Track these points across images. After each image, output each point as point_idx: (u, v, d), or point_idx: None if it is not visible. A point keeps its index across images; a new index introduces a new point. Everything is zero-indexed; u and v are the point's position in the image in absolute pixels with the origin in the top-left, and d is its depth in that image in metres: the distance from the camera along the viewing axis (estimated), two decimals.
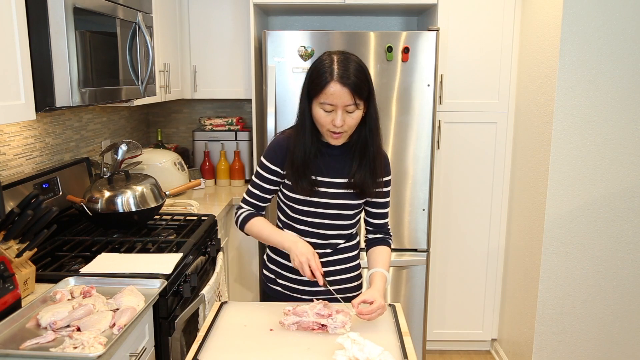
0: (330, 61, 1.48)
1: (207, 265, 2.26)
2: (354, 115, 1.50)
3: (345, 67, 1.46)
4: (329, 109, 1.48)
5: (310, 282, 1.65)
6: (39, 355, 1.27)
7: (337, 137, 1.54)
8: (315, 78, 1.49)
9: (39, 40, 1.61)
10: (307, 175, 1.58)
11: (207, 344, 1.36)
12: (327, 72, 1.46)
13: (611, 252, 2.51)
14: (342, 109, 1.47)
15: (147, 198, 2.20)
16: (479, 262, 3.03)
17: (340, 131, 1.51)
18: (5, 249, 1.55)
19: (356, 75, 1.46)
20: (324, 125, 1.51)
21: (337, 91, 1.45)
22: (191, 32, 3.04)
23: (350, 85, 1.44)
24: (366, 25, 3.31)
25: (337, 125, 1.48)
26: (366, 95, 1.50)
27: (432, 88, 2.66)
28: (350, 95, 1.45)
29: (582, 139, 2.41)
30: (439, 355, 3.18)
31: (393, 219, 2.79)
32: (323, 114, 1.49)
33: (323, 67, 1.48)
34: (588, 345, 2.60)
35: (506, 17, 2.78)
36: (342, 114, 1.48)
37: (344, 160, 1.62)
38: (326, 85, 1.45)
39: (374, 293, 1.49)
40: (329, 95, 1.46)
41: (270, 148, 1.65)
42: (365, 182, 1.59)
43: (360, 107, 1.50)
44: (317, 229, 1.66)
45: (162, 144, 3.27)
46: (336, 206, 1.63)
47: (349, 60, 1.48)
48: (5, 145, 1.99)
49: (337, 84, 1.45)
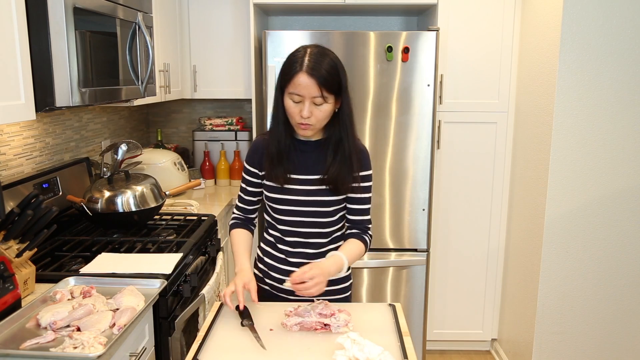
0: (303, 53, 1.50)
1: (207, 265, 2.26)
2: (322, 108, 1.50)
3: (316, 59, 1.47)
4: (297, 100, 1.50)
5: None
6: (39, 355, 1.27)
7: (304, 128, 1.54)
8: (285, 68, 1.51)
9: (39, 40, 1.61)
10: (282, 164, 1.60)
11: (207, 344, 1.36)
12: (297, 63, 1.48)
13: (611, 252, 2.51)
14: (310, 100, 1.48)
15: (147, 198, 2.20)
16: (479, 262, 3.03)
17: (308, 123, 1.52)
18: (5, 249, 1.55)
19: (325, 69, 1.47)
20: (293, 116, 1.53)
21: (304, 82, 1.46)
22: (191, 32, 3.04)
23: (317, 77, 1.46)
24: (366, 25, 3.31)
25: (304, 116, 1.49)
26: (336, 90, 1.50)
27: (432, 88, 2.66)
28: (317, 88, 1.46)
29: (582, 139, 2.41)
30: (439, 355, 3.18)
31: (393, 219, 2.79)
32: (292, 104, 1.51)
33: (295, 58, 1.50)
34: (588, 345, 2.60)
35: (506, 17, 2.78)
36: (310, 105, 1.49)
37: (318, 157, 1.62)
38: (294, 76, 1.47)
39: (312, 266, 1.49)
40: (297, 86, 1.47)
41: (249, 150, 1.70)
42: (339, 178, 1.59)
43: (328, 100, 1.50)
44: (297, 227, 1.66)
45: (162, 144, 3.27)
46: (312, 203, 1.63)
47: (321, 54, 1.50)
48: (5, 145, 1.99)
49: (305, 74, 1.46)
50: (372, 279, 2.85)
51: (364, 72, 2.65)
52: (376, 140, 2.71)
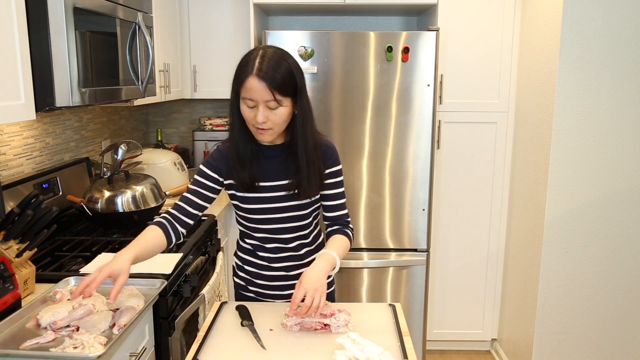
0: (255, 55, 1.43)
1: (207, 265, 2.26)
2: (278, 112, 1.43)
3: (267, 62, 1.40)
4: (250, 105, 1.43)
5: (282, 286, 1.67)
6: (39, 355, 1.27)
7: (262, 133, 1.47)
8: (237, 71, 1.45)
9: (39, 40, 1.61)
10: (245, 169, 1.54)
11: (207, 344, 1.36)
12: (249, 66, 1.40)
13: (611, 252, 2.51)
14: (264, 104, 1.41)
15: (147, 198, 2.20)
16: (479, 262, 3.03)
17: (264, 127, 1.45)
18: (5, 249, 1.55)
19: (277, 71, 1.40)
20: (249, 121, 1.47)
21: (255, 86, 1.39)
22: (191, 32, 3.04)
23: (268, 80, 1.38)
24: (366, 25, 3.31)
25: (259, 121, 1.42)
26: (291, 92, 1.43)
27: (432, 88, 2.66)
28: (269, 91, 1.39)
29: (582, 139, 2.41)
30: (439, 355, 3.17)
31: (393, 219, 2.79)
32: (246, 109, 1.45)
33: (246, 60, 1.43)
34: (588, 345, 2.60)
35: (506, 17, 2.78)
36: (264, 110, 1.42)
37: (281, 161, 1.56)
38: (245, 79, 1.40)
39: (301, 280, 1.42)
40: (248, 90, 1.41)
41: (210, 156, 1.62)
42: (303, 182, 1.53)
43: (283, 103, 1.43)
44: (275, 234, 1.63)
45: (162, 144, 3.27)
46: (286, 209, 1.59)
47: (274, 56, 1.42)
48: (5, 145, 1.99)
49: (255, 78, 1.39)
50: (372, 279, 2.85)
51: (364, 72, 2.65)
52: (376, 140, 2.71)
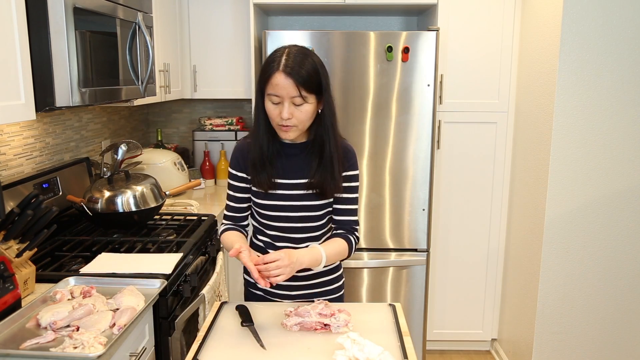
0: (282, 53, 1.46)
1: (207, 265, 2.26)
2: (303, 108, 1.46)
3: (294, 59, 1.43)
4: (276, 101, 1.45)
5: (290, 286, 1.67)
6: (39, 355, 1.27)
7: (286, 130, 1.49)
8: (263, 68, 1.48)
9: (39, 40, 1.61)
10: (265, 169, 1.56)
11: (207, 344, 1.36)
12: (275, 62, 1.44)
13: (611, 252, 2.51)
14: (289, 100, 1.44)
15: (147, 198, 2.20)
16: (479, 262, 3.03)
17: (289, 124, 1.47)
18: (5, 249, 1.55)
19: (303, 67, 1.43)
20: (274, 118, 1.49)
21: (282, 82, 1.42)
22: (191, 32, 3.04)
23: (294, 76, 1.41)
24: (366, 25, 3.31)
25: (284, 117, 1.45)
26: (316, 90, 1.46)
27: (432, 88, 2.66)
28: (295, 87, 1.42)
29: (582, 139, 2.41)
30: (439, 355, 3.17)
31: (393, 219, 2.79)
32: (271, 106, 1.47)
33: (272, 58, 1.46)
34: (588, 345, 2.60)
35: (506, 17, 2.78)
36: (289, 106, 1.44)
37: (303, 160, 1.58)
38: (271, 76, 1.43)
39: (282, 251, 1.42)
40: (274, 86, 1.43)
41: (232, 156, 1.65)
42: (325, 182, 1.54)
43: (309, 100, 1.45)
44: (286, 233, 1.63)
45: (162, 144, 3.27)
46: (300, 208, 1.60)
47: (300, 53, 1.45)
48: (5, 145, 1.99)
49: (282, 74, 1.42)
50: (372, 279, 2.85)
51: (364, 72, 2.65)
52: (376, 140, 2.71)
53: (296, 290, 1.68)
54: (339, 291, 1.75)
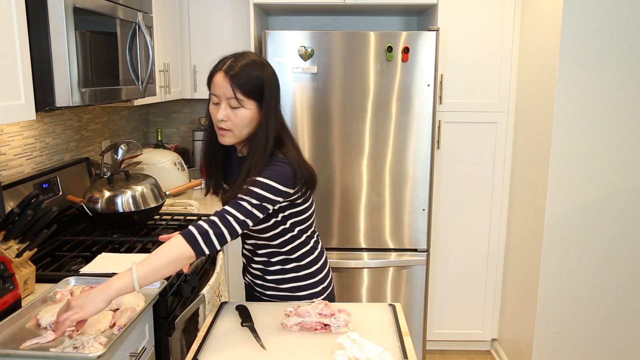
0: (232, 56, 1.47)
1: (207, 265, 2.26)
2: (239, 112, 1.43)
3: (241, 62, 1.43)
4: (215, 101, 1.46)
5: (275, 296, 1.68)
6: (39, 355, 1.27)
7: (222, 134, 1.47)
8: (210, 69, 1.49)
9: (39, 40, 1.61)
10: (211, 175, 1.58)
11: (207, 344, 1.36)
12: (220, 63, 1.46)
13: (611, 252, 2.51)
14: (226, 102, 1.43)
15: (147, 198, 2.20)
16: (479, 262, 3.03)
17: (224, 127, 1.45)
18: (5, 249, 1.55)
19: (244, 71, 1.42)
20: (213, 119, 1.48)
21: (220, 81, 1.42)
22: (191, 32, 3.04)
23: (232, 76, 1.41)
24: (366, 25, 3.31)
25: (218, 117, 1.44)
26: (255, 96, 1.43)
27: (432, 88, 2.66)
28: (231, 88, 1.41)
29: (582, 139, 2.41)
30: (439, 355, 3.17)
31: (393, 219, 2.79)
32: (212, 106, 1.48)
33: (223, 59, 1.47)
34: (588, 345, 2.60)
35: (506, 17, 2.78)
36: (225, 107, 1.43)
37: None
38: (214, 75, 1.45)
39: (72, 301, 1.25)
40: (214, 85, 1.44)
41: None
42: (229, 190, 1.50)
43: (245, 105, 1.43)
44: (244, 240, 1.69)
45: (162, 144, 3.27)
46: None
47: (249, 60, 1.45)
48: (5, 145, 1.99)
49: (222, 73, 1.43)
50: (372, 279, 2.85)
51: (364, 72, 2.65)
52: (376, 140, 2.71)
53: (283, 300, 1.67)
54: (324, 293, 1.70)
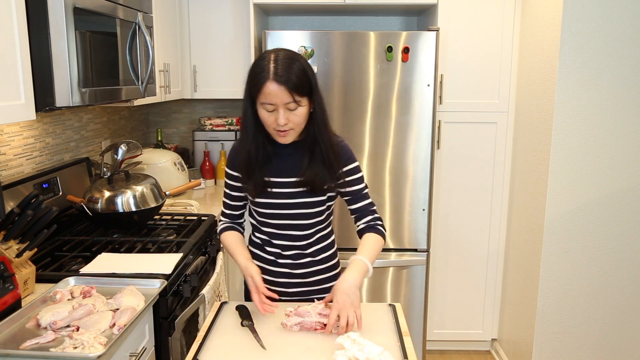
0: (268, 60, 1.45)
1: (207, 265, 2.26)
2: (297, 112, 1.46)
3: (282, 65, 1.43)
4: (270, 109, 1.45)
5: (287, 283, 1.68)
6: (39, 355, 1.27)
7: (284, 135, 1.50)
8: (252, 78, 1.47)
9: (39, 40, 1.61)
10: (253, 177, 1.58)
11: (207, 344, 1.36)
12: (264, 71, 1.43)
13: (611, 252, 2.51)
14: (283, 107, 1.44)
15: (147, 198, 2.20)
16: (479, 262, 3.03)
17: (286, 129, 1.48)
18: (5, 249, 1.55)
19: (292, 72, 1.42)
20: (270, 125, 1.49)
21: (274, 90, 1.42)
22: (191, 32, 3.04)
23: (286, 83, 1.41)
24: (366, 25, 3.31)
25: (280, 124, 1.45)
26: (307, 92, 1.46)
27: (432, 88, 2.66)
28: (288, 93, 1.42)
29: (582, 139, 2.41)
30: (439, 355, 3.17)
31: (393, 219, 2.79)
32: (266, 114, 1.47)
33: (260, 66, 1.45)
34: (588, 345, 2.60)
35: (506, 17, 2.78)
36: (285, 112, 1.44)
37: (295, 159, 1.58)
38: (263, 85, 1.42)
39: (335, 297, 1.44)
40: (267, 95, 1.43)
41: (229, 156, 1.70)
42: (317, 179, 1.55)
43: (302, 103, 1.46)
44: (282, 230, 1.64)
45: (162, 144, 3.27)
46: (294, 206, 1.61)
47: (286, 58, 1.45)
48: (5, 145, 1.99)
49: (274, 82, 1.41)
50: (372, 279, 2.85)
51: (364, 72, 2.65)
52: (376, 140, 2.71)
53: (292, 287, 1.68)
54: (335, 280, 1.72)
